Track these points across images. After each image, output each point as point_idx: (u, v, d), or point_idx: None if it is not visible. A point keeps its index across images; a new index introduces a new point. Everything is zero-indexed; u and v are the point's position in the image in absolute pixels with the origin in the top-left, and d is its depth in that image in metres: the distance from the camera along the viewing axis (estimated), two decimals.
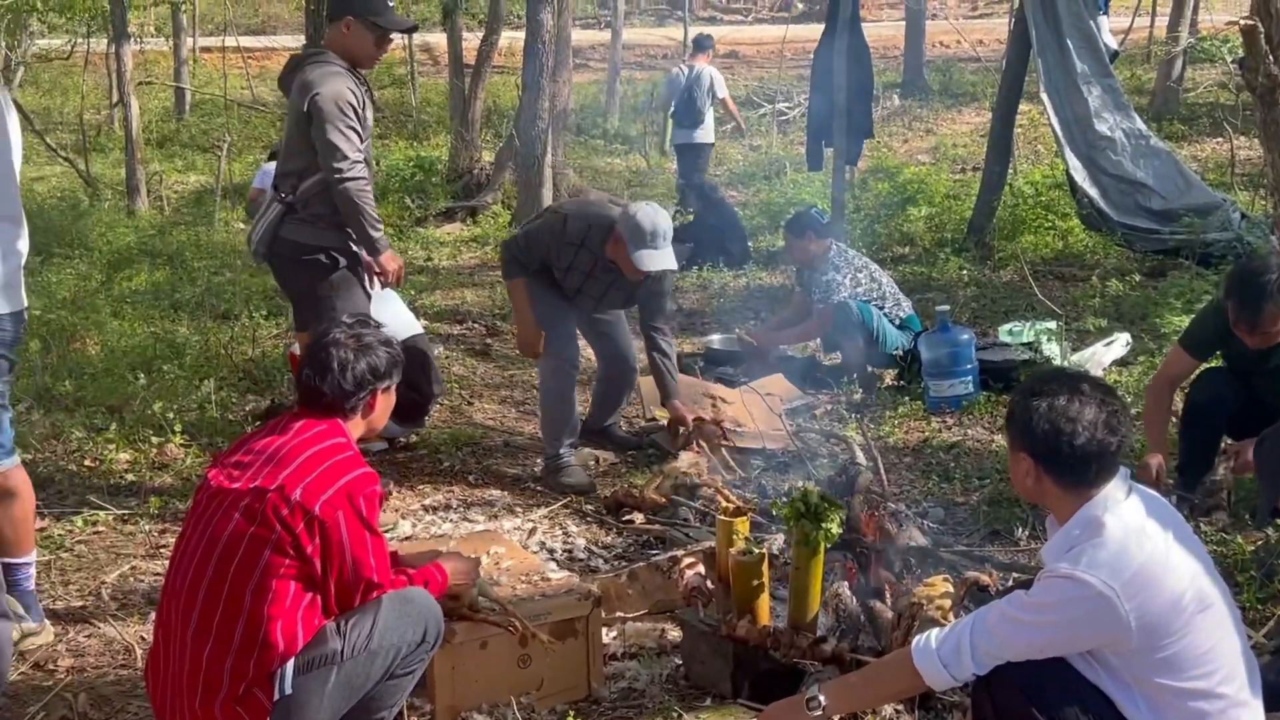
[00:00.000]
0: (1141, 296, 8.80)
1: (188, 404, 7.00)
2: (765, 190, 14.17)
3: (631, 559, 5.08)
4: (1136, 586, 2.88)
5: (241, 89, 21.04)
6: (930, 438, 6.57)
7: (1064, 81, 9.97)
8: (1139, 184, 9.88)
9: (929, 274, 9.99)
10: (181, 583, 3.33)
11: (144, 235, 11.97)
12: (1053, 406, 3.02)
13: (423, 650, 3.43)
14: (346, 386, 3.47)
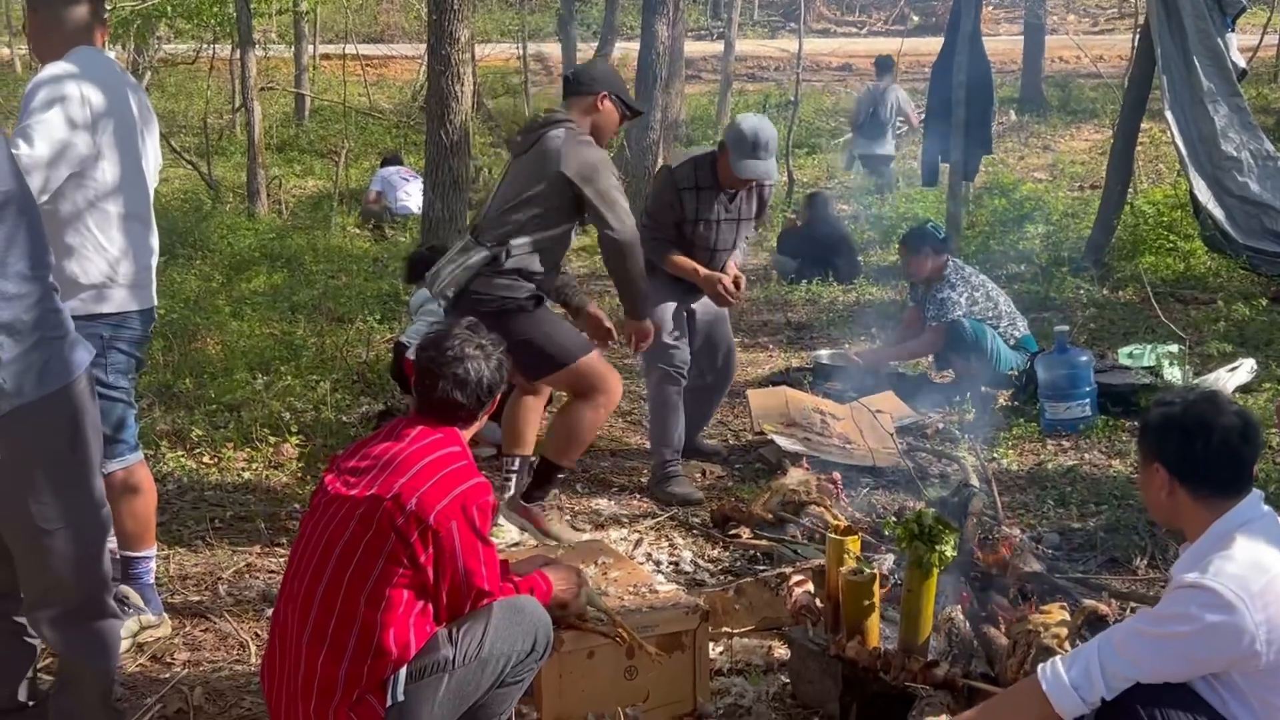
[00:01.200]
0: (1268, 321, 8.58)
1: (303, 405, 7.13)
2: (878, 204, 14.05)
3: (739, 574, 5.05)
4: (1266, 599, 2.81)
5: (359, 96, 21.35)
6: (1045, 461, 6.45)
7: (1189, 99, 9.76)
8: (1266, 206, 9.63)
9: (1046, 293, 9.83)
10: (298, 587, 3.37)
11: (263, 238, 12.19)
12: (1187, 414, 3.02)
13: (532, 659, 3.44)
14: (482, 398, 3.51)
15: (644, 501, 6.03)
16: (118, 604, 4.46)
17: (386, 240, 12.96)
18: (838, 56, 25.96)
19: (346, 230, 13.32)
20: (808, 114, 19.60)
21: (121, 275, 4.32)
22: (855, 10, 33.48)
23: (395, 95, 22.38)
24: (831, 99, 22.13)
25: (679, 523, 5.75)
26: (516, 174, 5.41)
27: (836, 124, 19.80)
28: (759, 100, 20.87)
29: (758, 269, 11.68)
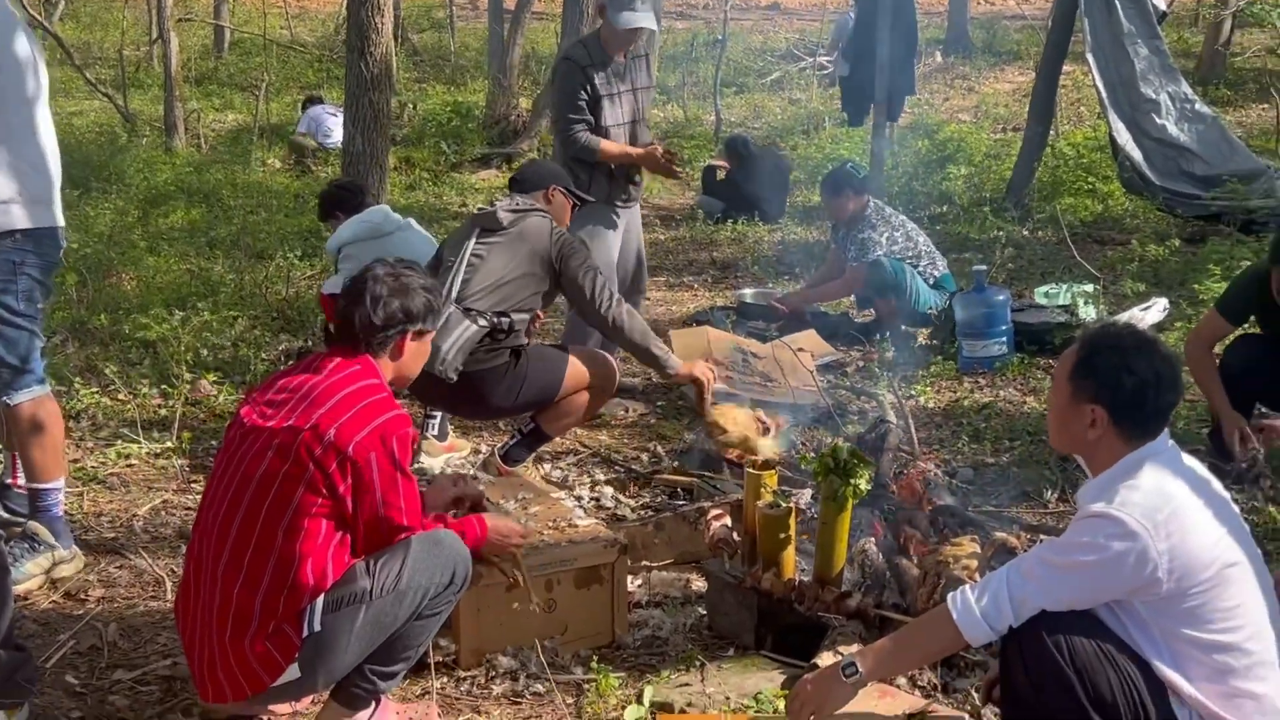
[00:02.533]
0: (1181, 262, 8.71)
1: (221, 342, 7.05)
2: (803, 145, 14.08)
3: (659, 509, 5.10)
4: (1169, 529, 2.88)
5: (280, 29, 20.99)
6: (962, 398, 6.54)
7: (1110, 42, 9.85)
8: (1183, 148, 9.78)
9: (966, 233, 9.93)
10: (213, 519, 3.35)
11: (181, 172, 12.01)
12: (1138, 360, 3.02)
13: (450, 592, 3.44)
14: (376, 321, 3.44)
15: (565, 439, 6.04)
16: (29, 542, 4.45)
17: (309, 175, 12.80)
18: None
19: (267, 165, 13.14)
20: (736, 53, 19.55)
21: (28, 191, 4.23)
22: None
23: (318, 28, 22.04)
24: (760, 38, 22.08)
25: (602, 459, 5.78)
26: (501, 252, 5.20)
27: (765, 63, 19.78)
28: (687, 38, 20.80)
29: (684, 208, 11.69)
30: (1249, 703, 2.92)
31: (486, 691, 3.84)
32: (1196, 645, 2.92)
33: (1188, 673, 2.93)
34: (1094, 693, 2.89)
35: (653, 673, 3.92)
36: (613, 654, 4.05)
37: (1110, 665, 2.92)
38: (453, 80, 18.60)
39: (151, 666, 3.94)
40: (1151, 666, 2.94)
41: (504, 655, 3.94)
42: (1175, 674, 2.93)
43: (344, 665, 3.34)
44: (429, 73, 19.12)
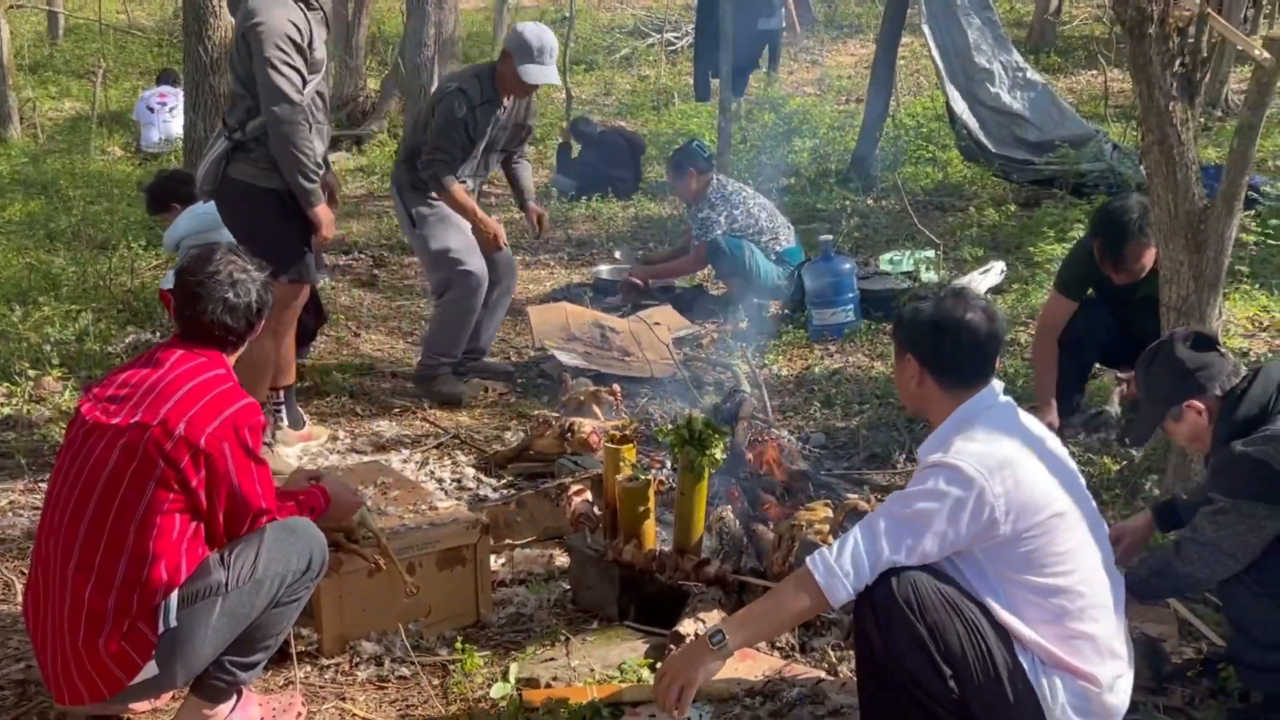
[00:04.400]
0: (1017, 226, 8.95)
1: (65, 336, 6.85)
2: (653, 120, 14.11)
3: (520, 487, 5.09)
4: (1003, 475, 2.97)
5: (117, 14, 20.38)
6: (813, 365, 6.65)
7: (944, 14, 10.03)
8: (1016, 116, 10.00)
9: (813, 204, 10.05)
10: (60, 519, 3.26)
11: (17, 164, 11.63)
12: (938, 309, 3.18)
13: (308, 578, 3.41)
14: (251, 321, 3.46)
15: (425, 423, 6.00)
16: None
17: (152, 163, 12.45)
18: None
19: (107, 153, 12.75)
20: (585, 30, 19.52)
21: None
22: None
23: (155, 11, 21.43)
24: (608, 15, 22.06)
25: (462, 441, 5.74)
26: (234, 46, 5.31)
27: (613, 40, 19.76)
28: (536, 15, 20.67)
29: (539, 186, 11.63)
30: (1086, 644, 3.03)
31: (351, 678, 3.81)
32: (1033, 589, 3.01)
33: (1025, 616, 3.02)
34: (944, 646, 2.97)
35: (518, 650, 3.93)
36: (478, 633, 4.05)
37: (958, 618, 2.99)
38: None
39: (3, 671, 3.83)
40: (989, 610, 3.03)
41: (368, 641, 3.91)
42: (1014, 618, 3.02)
43: (202, 659, 3.29)
44: None
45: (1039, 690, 3.00)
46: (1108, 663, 3.06)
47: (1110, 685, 3.05)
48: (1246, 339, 6.40)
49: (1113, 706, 3.07)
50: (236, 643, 3.32)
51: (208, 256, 3.48)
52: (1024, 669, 3.00)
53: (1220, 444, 3.39)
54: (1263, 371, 3.43)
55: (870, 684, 3.14)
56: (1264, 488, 3.22)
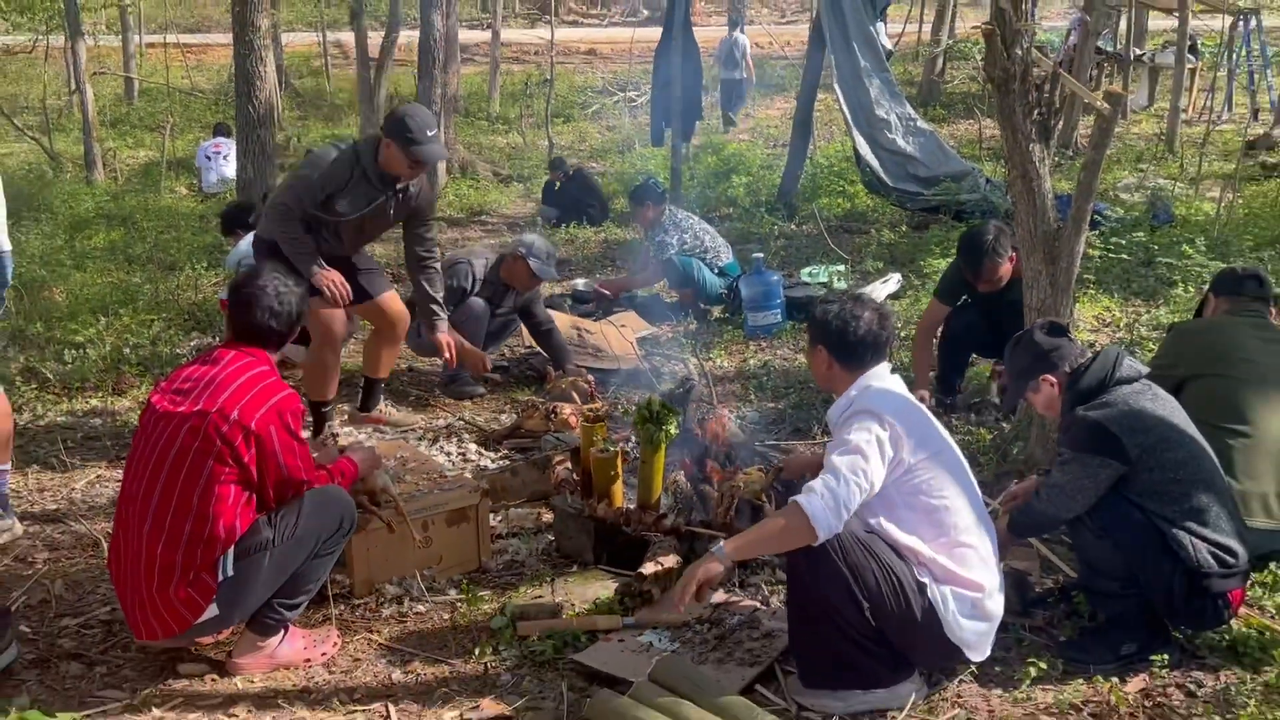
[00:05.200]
0: (910, 244, 8.98)
1: (141, 341, 6.77)
2: (619, 162, 14.08)
3: (513, 459, 5.07)
4: (902, 417, 3.08)
5: (182, 78, 20.14)
6: (749, 358, 6.65)
7: (851, 75, 10.05)
8: (909, 156, 10.03)
9: (748, 229, 10.05)
10: (137, 489, 3.24)
11: (101, 201, 11.47)
12: (841, 309, 3.27)
13: (339, 535, 3.40)
14: (291, 323, 3.45)
15: (436, 409, 5.96)
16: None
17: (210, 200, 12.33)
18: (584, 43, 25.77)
19: (174, 192, 12.61)
20: (562, 90, 19.45)
21: None
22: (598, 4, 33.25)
23: (214, 77, 21.19)
24: (580, 77, 21.99)
25: (466, 423, 5.72)
26: None
27: (585, 98, 19.71)
28: (523, 79, 20.60)
29: (527, 216, 11.59)
30: (970, 553, 3.10)
31: (377, 614, 3.79)
32: (925, 510, 3.08)
33: (922, 535, 3.08)
34: (862, 582, 3.01)
35: (513, 589, 3.93)
36: (480, 577, 4.04)
37: (874, 559, 3.03)
38: (329, 117, 18.12)
39: (93, 613, 3.80)
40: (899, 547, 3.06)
41: (390, 584, 3.90)
42: (914, 539, 3.08)
43: (255, 602, 3.28)
44: (309, 111, 18.58)
45: (936, 604, 3.05)
46: (989, 571, 3.13)
47: (990, 592, 3.12)
48: (1092, 334, 6.46)
49: (992, 611, 3.14)
50: (283, 588, 3.31)
51: (257, 273, 3.47)
52: (925, 587, 3.05)
53: (1068, 410, 3.44)
54: (1101, 353, 3.49)
55: (799, 613, 3.17)
56: (1099, 444, 3.28)
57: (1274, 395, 3.87)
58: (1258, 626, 3.45)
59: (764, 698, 3.19)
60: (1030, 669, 3.27)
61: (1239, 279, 4.32)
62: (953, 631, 3.08)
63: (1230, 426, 3.71)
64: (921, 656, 3.17)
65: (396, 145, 4.85)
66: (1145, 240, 7.83)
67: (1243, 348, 4.02)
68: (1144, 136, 14.19)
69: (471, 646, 3.54)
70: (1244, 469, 3.65)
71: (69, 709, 3.20)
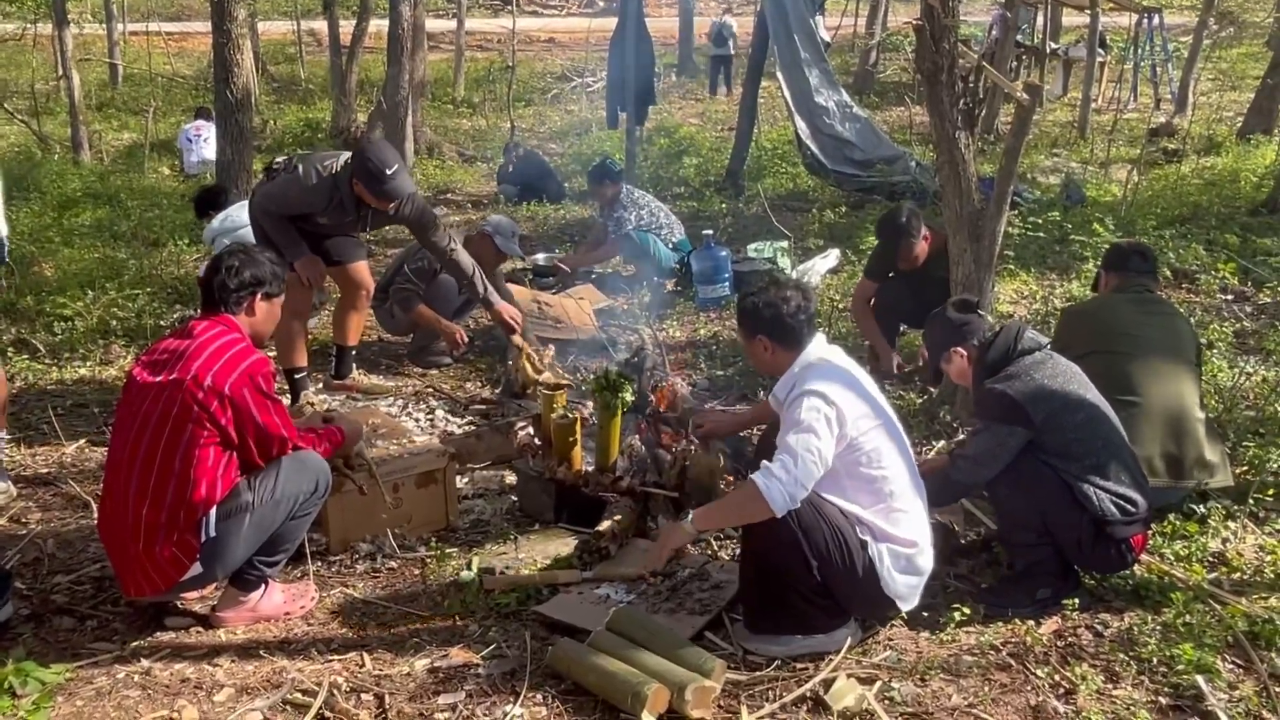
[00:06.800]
0: (848, 223, 8.99)
1: (126, 314, 6.63)
2: (577, 144, 13.97)
3: (478, 425, 5.04)
4: (843, 396, 3.05)
5: (164, 64, 19.68)
6: (699, 329, 6.63)
7: (792, 64, 10.03)
8: (846, 140, 10.05)
9: (698, 207, 10.01)
10: (122, 454, 3.18)
11: (88, 181, 11.21)
12: (768, 297, 3.24)
13: (315, 497, 3.35)
14: (230, 284, 3.31)
15: (405, 377, 5.90)
16: None
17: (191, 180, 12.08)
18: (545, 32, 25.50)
19: (157, 172, 12.35)
20: (524, 76, 19.23)
21: None
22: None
23: (194, 64, 20.75)
24: (541, 64, 21.76)
25: (433, 389, 5.66)
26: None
27: (546, 83, 19.51)
28: (486, 66, 20.34)
29: (489, 195, 11.47)
30: (903, 516, 3.13)
31: (352, 570, 3.76)
32: (865, 479, 3.09)
33: (861, 503, 3.10)
34: (812, 544, 3.03)
35: (479, 546, 3.90)
36: (448, 535, 4.01)
37: (823, 520, 3.04)
38: (304, 100, 17.78)
39: (84, 570, 3.74)
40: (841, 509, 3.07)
41: (364, 542, 3.87)
42: (854, 506, 3.09)
43: (236, 560, 3.23)
44: (285, 95, 18.23)
45: (874, 561, 3.08)
46: (919, 531, 3.16)
47: (922, 548, 3.15)
48: (1011, 305, 6.52)
49: (922, 566, 3.18)
50: (263, 546, 3.27)
51: (223, 253, 3.40)
52: (867, 545, 3.07)
53: (978, 383, 3.47)
54: (1004, 328, 3.54)
55: (750, 568, 3.19)
56: (1005, 413, 3.32)
57: (1155, 364, 3.95)
58: (1158, 572, 3.52)
59: (713, 643, 3.21)
60: (955, 614, 3.31)
61: (1125, 254, 4.37)
62: (888, 586, 3.11)
63: (1119, 398, 3.73)
64: (858, 607, 3.20)
65: (364, 186, 4.85)
66: (1059, 220, 7.90)
67: (1125, 324, 4.08)
68: (1059, 123, 14.32)
69: (441, 600, 3.52)
70: (1132, 435, 3.69)
71: (62, 661, 3.16)
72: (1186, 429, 3.84)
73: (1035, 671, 3.05)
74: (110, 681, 3.09)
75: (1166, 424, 3.82)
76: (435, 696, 2.99)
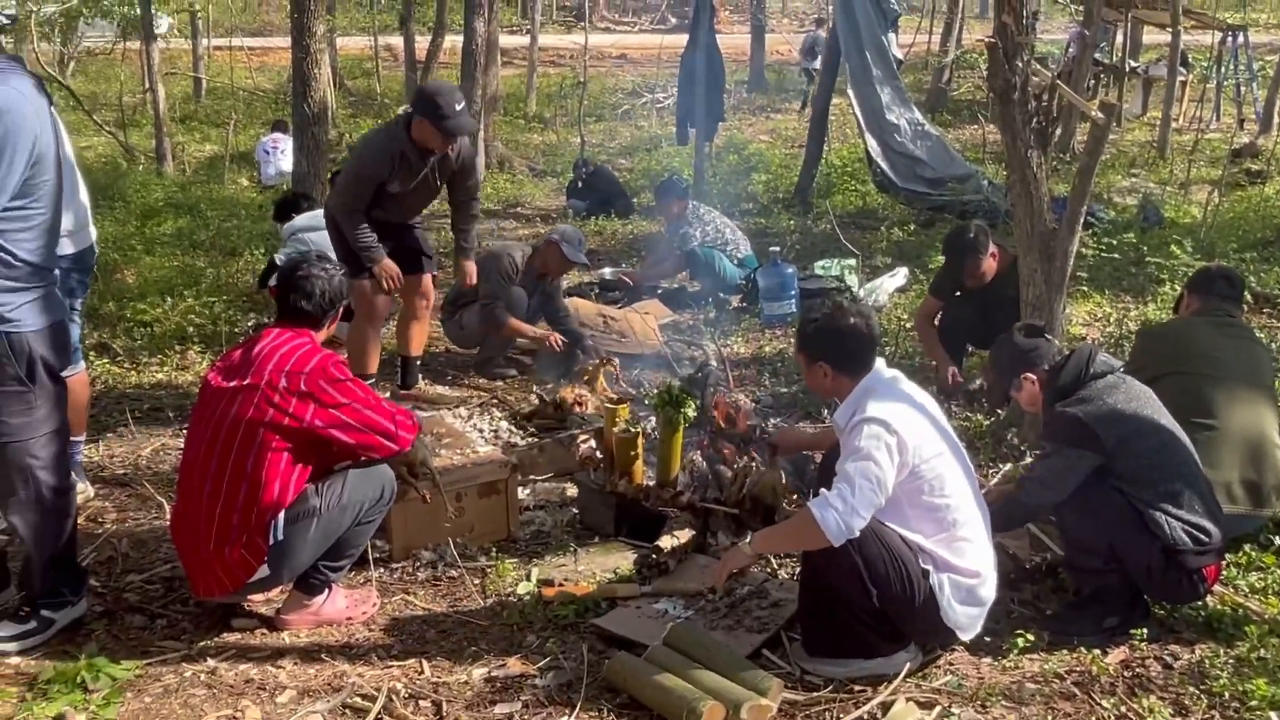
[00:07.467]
0: (917, 241, 8.90)
1: (203, 321, 6.81)
2: (646, 159, 14.03)
3: (541, 437, 5.07)
4: (902, 422, 3.00)
5: (245, 79, 20.22)
6: (764, 345, 6.61)
7: (864, 81, 9.97)
8: (917, 159, 9.96)
9: (766, 224, 9.98)
10: (196, 457, 3.27)
11: (169, 191, 11.53)
12: (829, 322, 3.20)
13: (381, 504, 3.41)
14: (324, 306, 3.42)
15: (470, 388, 5.96)
16: None
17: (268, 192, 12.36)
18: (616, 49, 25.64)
19: (236, 183, 12.67)
20: (595, 92, 19.37)
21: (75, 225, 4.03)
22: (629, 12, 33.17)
23: (274, 78, 21.26)
24: (612, 80, 21.91)
25: (498, 400, 5.72)
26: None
27: (616, 99, 19.63)
28: (558, 81, 20.53)
29: (558, 209, 11.56)
30: (966, 545, 3.08)
31: (413, 577, 3.81)
32: (928, 509, 3.04)
33: (923, 531, 3.05)
34: (873, 572, 3.00)
35: (538, 558, 3.93)
36: (509, 546, 4.05)
37: (885, 549, 3.01)
38: (379, 115, 18.07)
39: (156, 570, 3.84)
40: (903, 537, 3.03)
41: (426, 550, 3.92)
42: (915, 535, 3.04)
43: (303, 563, 3.30)
44: (361, 109, 18.59)
45: (935, 590, 3.03)
46: (981, 560, 3.10)
47: (985, 579, 3.09)
48: (1084, 328, 6.40)
49: (984, 597, 3.12)
50: (328, 551, 3.33)
51: (298, 263, 3.47)
52: (928, 574, 3.03)
53: (1048, 406, 3.42)
54: (1075, 352, 3.48)
55: (810, 591, 3.18)
56: (1075, 436, 3.27)
57: (1235, 389, 3.85)
58: (1231, 604, 3.42)
59: (770, 662, 3.19)
60: (1018, 640, 3.25)
61: (1211, 278, 4.29)
62: (948, 615, 3.06)
63: (1195, 420, 3.65)
64: (918, 634, 3.16)
65: (429, 122, 4.92)
66: (1136, 241, 7.73)
67: (1204, 346, 3.99)
68: (1137, 143, 14.02)
69: (500, 610, 3.55)
70: (1208, 460, 3.60)
71: (132, 658, 3.25)
72: (1266, 455, 3.74)
73: (1101, 702, 2.98)
74: (177, 679, 3.17)
75: (1245, 449, 3.72)
76: (492, 706, 3.01)
